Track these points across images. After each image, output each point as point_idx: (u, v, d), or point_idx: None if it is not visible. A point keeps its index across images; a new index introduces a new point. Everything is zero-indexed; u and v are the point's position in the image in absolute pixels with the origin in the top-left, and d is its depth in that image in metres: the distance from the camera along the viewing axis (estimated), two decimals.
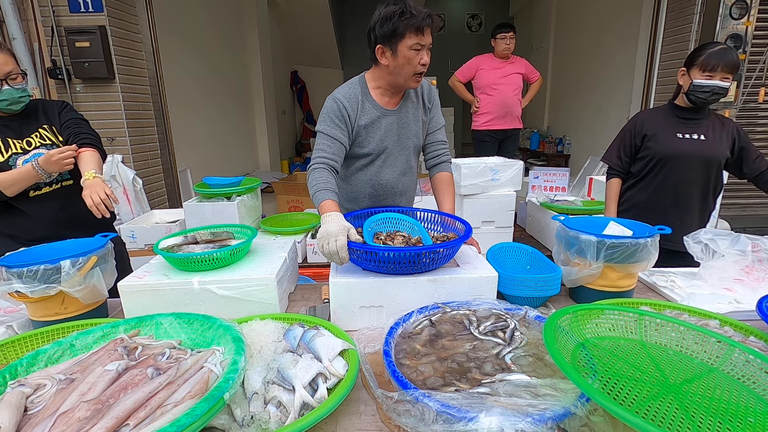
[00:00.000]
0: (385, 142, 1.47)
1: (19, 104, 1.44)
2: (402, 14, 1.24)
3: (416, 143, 1.54)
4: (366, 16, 1.43)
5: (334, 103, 1.41)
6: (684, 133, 1.78)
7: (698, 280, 1.33)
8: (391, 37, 1.28)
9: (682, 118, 1.80)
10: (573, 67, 6.44)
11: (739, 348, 0.77)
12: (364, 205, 1.54)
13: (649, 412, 0.62)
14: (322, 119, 1.43)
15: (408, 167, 1.56)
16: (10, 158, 1.43)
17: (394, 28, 1.26)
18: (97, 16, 3.03)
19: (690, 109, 1.78)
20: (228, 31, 6.14)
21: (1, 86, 1.37)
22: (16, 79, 1.40)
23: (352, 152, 1.48)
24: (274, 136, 7.62)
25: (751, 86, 3.49)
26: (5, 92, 1.38)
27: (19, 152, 1.45)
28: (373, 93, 1.46)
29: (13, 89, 1.40)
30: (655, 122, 1.83)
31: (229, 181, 2.35)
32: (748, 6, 3.31)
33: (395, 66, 1.34)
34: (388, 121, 1.46)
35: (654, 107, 1.93)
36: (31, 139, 1.48)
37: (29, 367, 0.78)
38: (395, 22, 1.25)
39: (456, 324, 0.98)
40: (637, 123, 1.86)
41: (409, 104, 1.51)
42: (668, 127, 1.80)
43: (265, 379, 0.77)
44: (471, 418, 0.62)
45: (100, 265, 1.11)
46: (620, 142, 1.91)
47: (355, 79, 1.49)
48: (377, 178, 1.51)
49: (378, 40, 1.32)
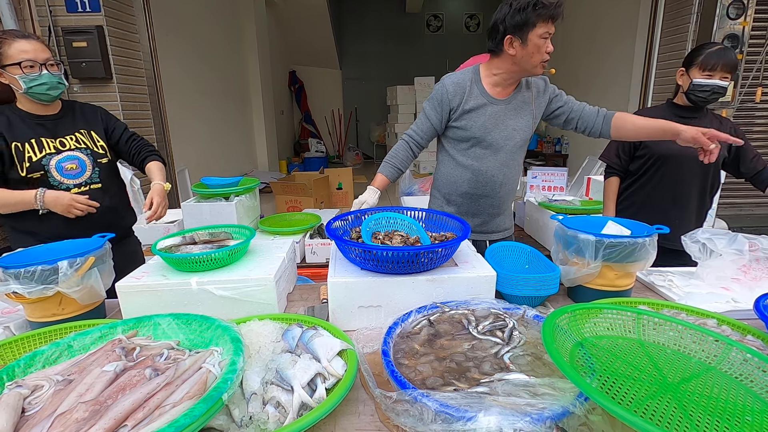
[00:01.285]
0: (488, 128, 1.52)
1: (57, 90, 1.46)
2: (535, 5, 1.32)
3: (523, 136, 1.58)
4: (364, 16, 1.46)
5: (441, 87, 1.53)
6: None
7: (696, 279, 1.34)
8: (523, 26, 1.35)
9: (680, 117, 1.80)
10: (571, 67, 6.45)
11: (736, 347, 0.78)
12: (462, 191, 1.61)
13: (647, 411, 0.62)
14: (428, 99, 1.57)
15: (511, 159, 1.58)
16: (44, 158, 1.45)
17: (526, 19, 1.33)
18: (94, 16, 3.02)
19: (689, 108, 1.79)
20: (226, 31, 6.13)
21: (41, 71, 1.40)
22: (54, 66, 1.44)
23: (456, 134, 1.57)
24: (272, 136, 7.62)
25: (748, 86, 3.50)
26: (44, 76, 1.41)
27: (53, 152, 1.47)
28: (484, 81, 1.53)
29: (52, 75, 1.42)
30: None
31: (228, 181, 2.34)
32: (745, 6, 3.33)
33: (523, 55, 1.39)
34: (493, 110, 1.52)
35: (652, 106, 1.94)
36: (65, 140, 1.51)
37: (27, 368, 0.78)
38: (528, 13, 1.33)
39: (454, 323, 0.98)
40: None
41: (520, 98, 1.55)
42: None
43: (264, 380, 0.77)
44: (470, 418, 0.62)
45: (97, 265, 1.10)
46: (619, 141, 1.91)
47: (468, 68, 1.57)
48: (478, 164, 1.56)
49: (508, 31, 1.38)
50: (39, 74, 1.40)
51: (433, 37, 9.97)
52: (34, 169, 1.44)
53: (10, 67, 1.37)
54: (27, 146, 1.44)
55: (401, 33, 9.83)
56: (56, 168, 1.47)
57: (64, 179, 1.48)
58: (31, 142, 1.45)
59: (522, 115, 1.56)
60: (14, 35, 1.39)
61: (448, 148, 1.61)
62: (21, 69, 1.37)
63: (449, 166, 1.62)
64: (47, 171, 1.45)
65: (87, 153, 1.53)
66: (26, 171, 1.43)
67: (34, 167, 1.44)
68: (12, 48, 1.37)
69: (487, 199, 1.61)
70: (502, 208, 1.67)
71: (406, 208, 1.38)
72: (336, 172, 5.39)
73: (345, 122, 10.20)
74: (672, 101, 1.85)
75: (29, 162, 1.43)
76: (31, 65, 1.38)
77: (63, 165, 1.47)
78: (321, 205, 4.64)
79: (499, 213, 1.67)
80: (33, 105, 1.47)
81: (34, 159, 1.44)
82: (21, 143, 1.43)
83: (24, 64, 1.37)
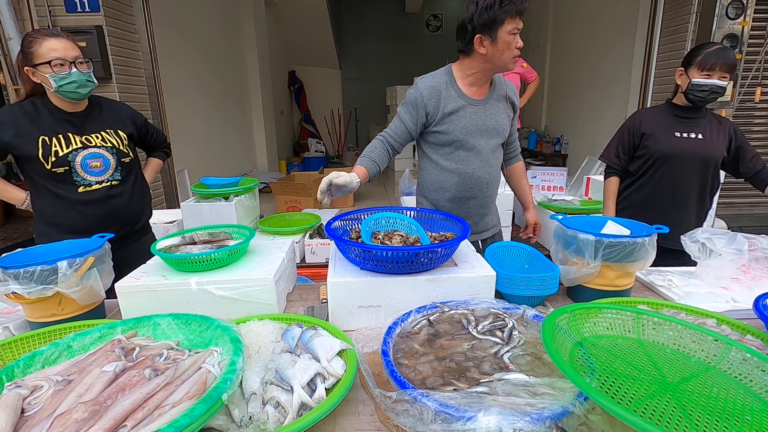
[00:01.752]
0: (470, 130, 1.51)
1: (86, 88, 1.48)
2: (501, 2, 1.32)
3: (503, 134, 1.58)
4: (363, 16, 1.47)
5: (415, 91, 1.50)
6: (682, 131, 1.79)
7: (695, 279, 1.34)
8: (491, 24, 1.35)
9: (680, 117, 1.81)
10: (570, 66, 6.46)
11: (736, 346, 0.78)
12: (450, 195, 1.59)
13: (647, 411, 0.62)
14: (402, 103, 1.54)
15: (493, 157, 1.59)
16: (70, 153, 1.48)
17: (494, 17, 1.33)
18: (93, 16, 3.02)
19: (688, 108, 1.79)
20: (225, 31, 6.13)
21: (71, 69, 1.42)
22: (83, 64, 1.46)
23: (438, 139, 1.54)
24: (271, 136, 7.61)
25: (747, 86, 3.50)
26: (74, 74, 1.42)
27: (79, 147, 1.50)
28: (459, 83, 1.51)
29: (81, 73, 1.44)
30: (654, 121, 1.84)
31: (227, 181, 2.34)
32: (744, 6, 3.33)
33: (494, 53, 1.40)
34: (473, 110, 1.51)
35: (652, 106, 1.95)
36: (91, 137, 1.53)
37: (26, 369, 0.78)
38: (495, 11, 1.33)
39: (454, 323, 0.98)
40: (635, 121, 1.87)
41: (494, 96, 1.56)
42: (666, 125, 1.81)
43: (264, 380, 0.77)
44: (469, 418, 0.62)
45: (97, 265, 1.10)
46: (618, 141, 1.92)
47: (440, 70, 1.55)
48: (463, 167, 1.54)
49: (476, 30, 1.39)
50: (69, 72, 1.41)
51: (433, 37, 9.97)
52: (60, 164, 1.46)
53: (41, 66, 1.39)
54: (54, 140, 1.47)
55: (401, 33, 9.83)
56: (81, 164, 1.50)
57: (87, 175, 1.52)
58: (59, 137, 1.47)
59: (499, 111, 1.56)
60: (44, 34, 1.41)
61: (430, 154, 1.58)
62: (51, 68, 1.39)
63: (434, 172, 1.59)
64: (72, 166, 1.48)
65: (112, 152, 1.57)
66: (51, 165, 1.46)
67: (60, 162, 1.46)
68: (42, 47, 1.39)
69: (475, 201, 1.60)
70: (490, 206, 1.68)
71: (406, 208, 1.38)
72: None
73: (344, 122, 10.20)
74: (671, 101, 1.85)
75: (55, 156, 1.46)
76: (61, 63, 1.40)
77: (88, 162, 1.51)
78: (320, 205, 4.64)
79: (488, 212, 1.68)
80: (62, 101, 1.49)
81: (60, 154, 1.46)
82: (48, 137, 1.46)
83: (54, 63, 1.39)
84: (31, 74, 1.43)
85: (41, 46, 1.39)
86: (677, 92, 1.82)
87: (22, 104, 1.49)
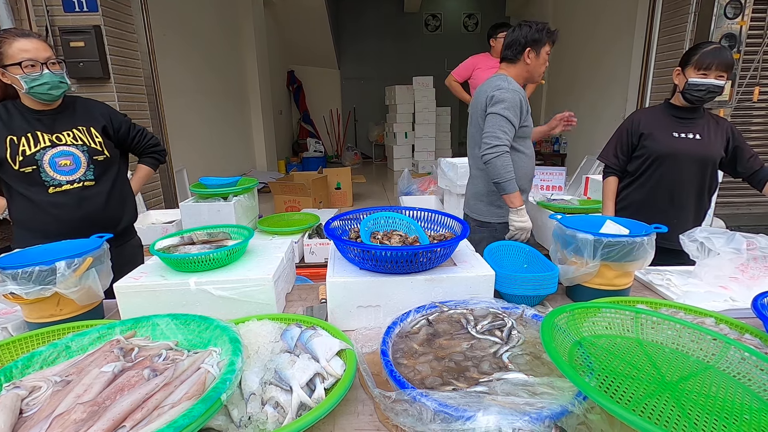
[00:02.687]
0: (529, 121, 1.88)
1: (59, 89, 1.45)
2: (547, 31, 1.77)
3: None
4: (362, 16, 1.48)
5: (516, 93, 1.75)
6: (680, 132, 1.79)
7: (694, 278, 1.34)
8: (538, 42, 1.76)
9: (678, 118, 1.81)
10: (569, 66, 6.46)
11: (734, 345, 0.78)
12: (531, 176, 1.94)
13: (645, 410, 0.63)
14: (504, 107, 1.73)
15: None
16: (38, 152, 1.44)
17: (540, 37, 1.75)
18: (91, 16, 3.02)
19: (686, 108, 1.79)
20: (224, 31, 6.12)
21: (42, 70, 1.39)
22: (56, 65, 1.43)
23: (522, 132, 1.83)
24: (270, 136, 7.61)
25: (745, 85, 3.51)
26: (46, 76, 1.39)
27: (48, 146, 1.46)
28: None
29: (53, 74, 1.41)
30: (652, 121, 1.84)
31: (226, 181, 2.34)
32: (742, 6, 3.33)
33: (535, 65, 1.80)
34: None
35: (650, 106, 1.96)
36: (62, 135, 1.49)
37: (24, 369, 0.78)
38: (543, 33, 1.75)
39: (453, 323, 0.98)
40: (633, 121, 1.87)
41: None
42: (664, 126, 1.81)
43: (263, 380, 0.77)
44: (469, 417, 0.62)
45: (95, 266, 1.10)
46: (617, 140, 1.92)
47: (501, 74, 1.83)
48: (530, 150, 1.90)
49: (528, 44, 1.77)
50: (40, 74, 1.39)
51: (432, 37, 9.97)
52: (27, 163, 1.42)
53: (11, 66, 1.37)
54: (23, 140, 1.43)
55: (399, 32, 9.83)
56: (49, 163, 1.45)
57: (57, 175, 1.47)
58: (27, 136, 1.43)
59: None
60: (14, 34, 1.38)
61: (516, 145, 1.83)
62: (22, 69, 1.36)
63: (523, 160, 1.85)
64: (40, 166, 1.44)
65: (83, 150, 1.51)
66: (19, 165, 1.42)
67: (28, 161, 1.42)
68: (12, 47, 1.36)
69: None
70: None
71: (405, 208, 1.38)
72: (334, 171, 5.39)
73: (343, 122, 10.20)
74: (669, 101, 1.85)
75: (23, 156, 1.42)
76: (32, 64, 1.37)
77: (57, 160, 1.46)
78: (320, 204, 4.64)
79: None
80: (34, 102, 1.46)
81: (27, 153, 1.42)
82: (17, 137, 1.43)
83: (25, 64, 1.36)
84: (1, 75, 1.40)
85: (11, 47, 1.36)
86: (675, 92, 1.82)
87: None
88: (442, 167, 2.46)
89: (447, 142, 8.42)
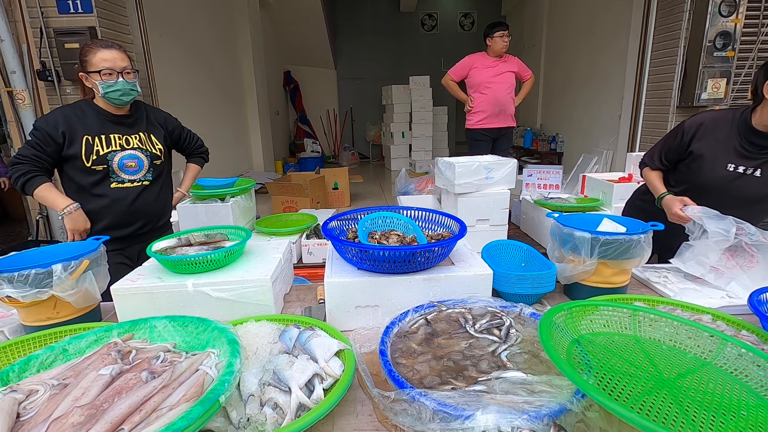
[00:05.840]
0: None
1: (129, 96, 1.61)
2: None
3: None
4: (358, 16, 1.47)
5: None
6: (739, 164, 1.42)
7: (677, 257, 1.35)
8: None
9: (749, 143, 1.40)
10: (565, 65, 6.48)
11: (731, 342, 0.78)
12: None
13: (643, 407, 0.63)
14: None
15: None
16: (108, 154, 1.61)
17: None
18: (86, 17, 3.00)
19: (764, 134, 1.38)
20: (220, 31, 6.10)
21: (117, 78, 1.56)
22: (130, 74, 1.59)
23: None
24: (267, 137, 7.59)
25: (740, 83, 3.53)
26: (120, 83, 1.57)
27: (117, 149, 1.63)
28: None
29: (127, 82, 1.58)
30: (714, 140, 1.47)
31: (223, 182, 2.34)
32: (736, 4, 3.35)
33: None
34: None
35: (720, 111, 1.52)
36: (130, 138, 1.67)
37: (21, 373, 0.77)
38: None
39: (451, 322, 0.98)
40: (689, 129, 1.51)
41: None
42: (723, 151, 1.44)
43: (261, 381, 0.77)
44: (468, 416, 0.62)
45: (92, 268, 1.09)
46: (663, 145, 1.61)
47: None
48: None
49: None
50: (115, 81, 1.56)
51: (428, 36, 9.97)
52: (99, 162, 1.59)
53: (92, 73, 1.55)
54: (97, 140, 1.60)
55: (396, 32, 9.82)
56: (118, 164, 1.63)
57: (123, 174, 1.65)
58: (101, 137, 1.61)
59: None
60: (99, 45, 1.56)
61: None
62: (101, 76, 1.54)
63: None
64: (110, 165, 1.61)
65: (146, 154, 1.70)
66: (92, 162, 1.58)
67: (100, 160, 1.59)
68: (95, 57, 1.54)
69: None
70: None
71: (403, 208, 1.38)
72: (332, 172, 5.38)
73: (340, 122, 10.18)
74: (748, 118, 1.40)
75: (96, 155, 1.59)
76: (109, 73, 1.55)
77: (125, 162, 1.64)
78: (317, 205, 4.63)
79: None
80: (108, 105, 1.63)
81: (101, 153, 1.60)
82: (92, 137, 1.59)
83: (103, 72, 1.54)
84: (84, 79, 1.59)
85: (95, 56, 1.54)
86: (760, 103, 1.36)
87: (72, 106, 1.63)
88: (439, 167, 2.46)
89: (444, 141, 8.42)
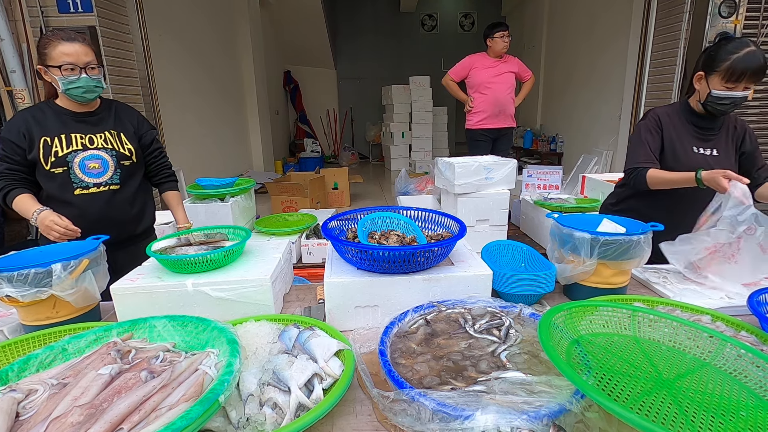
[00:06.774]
0: None
1: (93, 93, 1.50)
2: None
3: None
4: (358, 16, 1.46)
5: None
6: (699, 147, 1.60)
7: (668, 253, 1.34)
8: None
9: (698, 128, 1.61)
10: (565, 65, 6.48)
11: (730, 343, 0.78)
12: None
13: (643, 408, 0.63)
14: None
15: None
16: (69, 154, 1.49)
17: None
18: (86, 17, 3.00)
19: (706, 116, 1.59)
20: (220, 31, 6.10)
21: (80, 74, 1.44)
22: (94, 69, 1.48)
23: None
24: (267, 137, 7.59)
25: None
26: (83, 80, 1.45)
27: (79, 149, 1.51)
28: None
29: (90, 78, 1.46)
30: (673, 130, 1.63)
31: (223, 182, 2.34)
32: (736, 4, 3.35)
33: None
34: None
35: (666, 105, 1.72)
36: (94, 137, 1.55)
37: (20, 372, 0.77)
38: None
39: (451, 322, 0.98)
40: (655, 121, 1.64)
41: None
42: (685, 138, 1.61)
43: (261, 381, 0.77)
44: (467, 416, 0.62)
45: (92, 268, 1.09)
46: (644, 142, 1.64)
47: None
48: None
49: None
50: (77, 77, 1.44)
51: (428, 37, 9.97)
52: (59, 164, 1.48)
53: (52, 68, 1.43)
54: (56, 140, 1.48)
55: (396, 32, 9.83)
56: (79, 166, 1.51)
57: (85, 177, 1.52)
58: (60, 137, 1.49)
59: None
60: (60, 38, 1.43)
61: None
62: (61, 72, 1.42)
63: None
64: (70, 167, 1.49)
65: (112, 154, 1.56)
66: (50, 165, 1.47)
67: (59, 162, 1.48)
68: (56, 50, 1.41)
69: None
70: None
71: (402, 208, 1.38)
72: (332, 172, 5.38)
73: (340, 122, 10.19)
74: (688, 104, 1.63)
75: (55, 157, 1.47)
76: (71, 68, 1.42)
77: (86, 163, 1.52)
78: (317, 205, 4.64)
79: None
80: (71, 102, 1.52)
81: (60, 154, 1.48)
82: (50, 137, 1.48)
83: (64, 68, 1.42)
84: (43, 72, 1.46)
85: (54, 50, 1.41)
86: (691, 91, 1.60)
87: (32, 108, 1.53)
88: (439, 167, 2.46)
89: (444, 141, 8.42)
